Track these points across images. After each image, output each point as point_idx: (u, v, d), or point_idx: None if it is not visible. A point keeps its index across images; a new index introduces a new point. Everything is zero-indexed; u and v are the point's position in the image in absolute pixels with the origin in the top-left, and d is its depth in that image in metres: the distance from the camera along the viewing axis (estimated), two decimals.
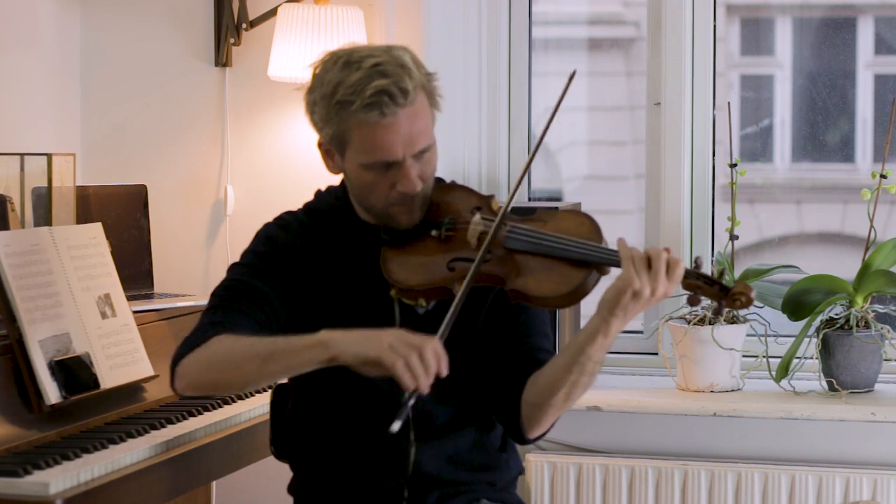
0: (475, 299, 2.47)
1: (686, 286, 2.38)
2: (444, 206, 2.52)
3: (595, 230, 2.44)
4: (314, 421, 2.57)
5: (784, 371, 3.43)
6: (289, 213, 2.62)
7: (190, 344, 2.47)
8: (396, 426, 2.27)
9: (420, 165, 2.45)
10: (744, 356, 3.50)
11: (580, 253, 2.39)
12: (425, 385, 2.27)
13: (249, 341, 2.41)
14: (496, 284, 2.43)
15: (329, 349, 2.32)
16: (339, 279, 2.54)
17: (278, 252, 2.54)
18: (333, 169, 2.53)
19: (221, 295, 2.54)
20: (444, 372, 2.29)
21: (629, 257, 2.32)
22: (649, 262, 2.32)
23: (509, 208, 2.43)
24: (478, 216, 2.47)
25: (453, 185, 2.57)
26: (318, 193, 2.65)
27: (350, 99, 2.39)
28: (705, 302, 2.99)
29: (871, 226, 3.45)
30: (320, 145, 2.52)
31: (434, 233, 2.49)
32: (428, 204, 2.51)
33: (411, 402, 2.28)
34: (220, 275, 3.77)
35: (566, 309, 3.34)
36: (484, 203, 2.52)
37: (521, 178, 2.49)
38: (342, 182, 2.61)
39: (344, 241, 2.56)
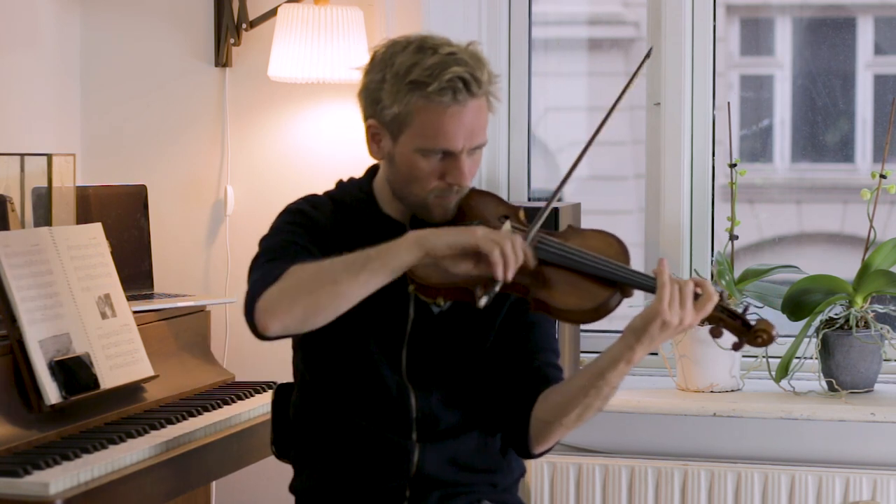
0: (491, 308, 2.45)
1: (710, 318, 2.38)
2: (471, 211, 2.52)
3: (623, 252, 2.45)
4: (316, 421, 2.57)
5: (784, 371, 3.43)
6: (315, 195, 2.59)
7: (265, 281, 2.36)
8: (484, 301, 2.31)
9: (470, 162, 2.47)
10: (743, 356, 3.50)
11: (608, 272, 2.39)
12: (512, 274, 2.28)
13: (333, 260, 2.34)
14: (520, 293, 2.43)
15: (423, 247, 2.30)
16: None
17: (310, 222, 2.51)
18: (377, 154, 2.51)
19: (266, 254, 2.46)
20: (532, 263, 2.32)
21: (667, 287, 2.32)
22: (682, 294, 2.33)
23: (539, 223, 2.42)
24: (508, 224, 2.47)
25: (482, 192, 2.57)
26: (341, 184, 2.62)
27: (426, 80, 2.39)
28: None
29: (871, 226, 3.45)
30: (369, 128, 2.49)
31: None
32: (457, 205, 2.51)
33: (497, 288, 2.30)
34: (220, 275, 3.80)
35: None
36: (512, 213, 2.52)
37: (558, 190, 2.47)
38: (367, 173, 2.60)
39: (365, 234, 2.52)
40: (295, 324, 2.33)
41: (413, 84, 2.40)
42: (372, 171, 2.60)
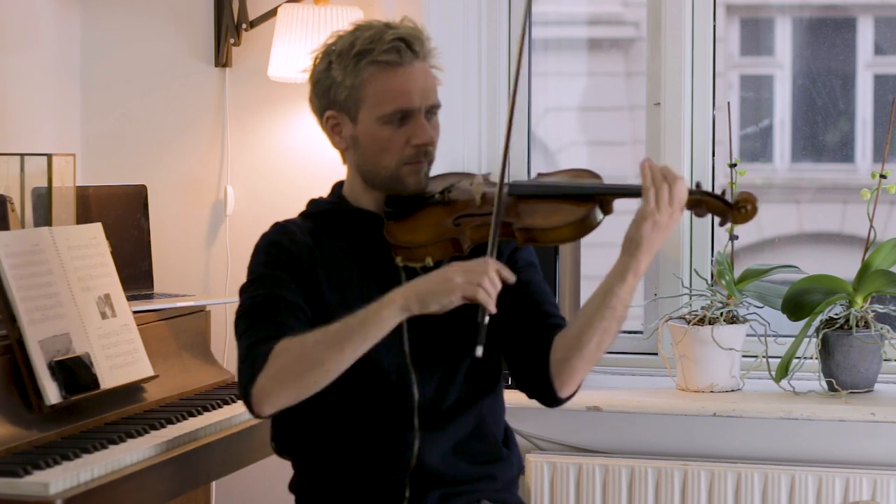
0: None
1: (691, 203, 2.43)
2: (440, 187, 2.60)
3: (595, 176, 2.53)
4: (316, 416, 2.57)
5: (784, 371, 3.43)
6: (284, 220, 2.65)
7: (253, 367, 2.45)
8: (480, 350, 2.37)
9: (430, 126, 2.53)
10: (743, 356, 3.50)
11: (584, 188, 2.48)
12: (494, 302, 2.36)
13: (316, 334, 2.42)
14: (504, 233, 2.47)
15: (409, 311, 2.38)
16: (346, 266, 2.57)
17: (285, 254, 2.56)
18: (341, 143, 2.58)
19: (248, 316, 2.53)
20: (511, 279, 2.39)
21: (651, 189, 2.39)
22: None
23: (503, 164, 2.49)
24: (479, 177, 2.56)
25: (444, 174, 2.65)
26: (312, 202, 2.69)
27: (369, 47, 2.49)
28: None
29: (871, 226, 3.45)
30: (327, 120, 2.57)
31: (437, 196, 2.56)
32: (429, 174, 2.58)
33: (486, 319, 2.36)
34: (220, 275, 3.80)
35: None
36: (479, 176, 2.60)
37: (508, 135, 2.55)
38: (333, 188, 2.67)
39: (346, 232, 2.60)
40: (290, 402, 2.45)
41: (359, 54, 2.50)
42: (337, 185, 2.68)
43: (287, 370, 2.41)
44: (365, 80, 2.50)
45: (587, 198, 2.46)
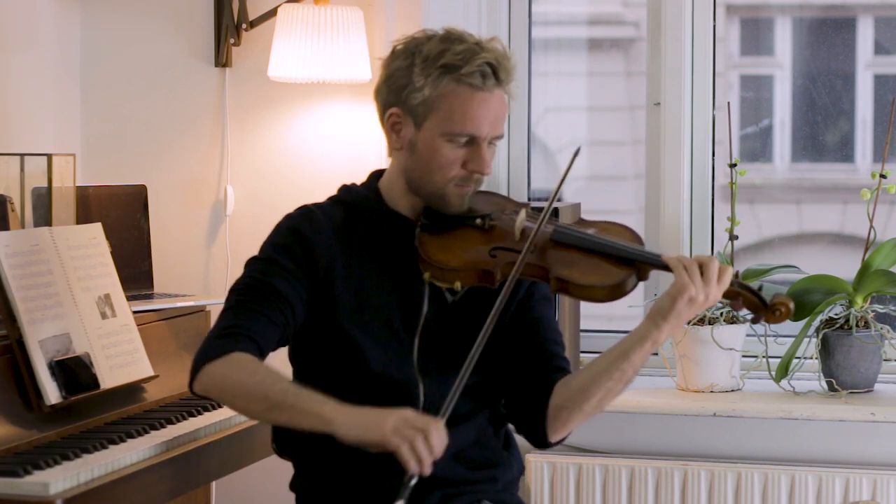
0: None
1: (729, 294, 2.42)
2: (483, 208, 2.57)
3: (637, 238, 2.51)
4: None
5: (784, 371, 3.43)
6: (313, 204, 2.63)
7: (213, 350, 2.47)
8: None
9: (489, 153, 2.52)
10: (743, 356, 3.50)
11: (626, 252, 2.44)
12: (428, 467, 2.30)
13: (266, 377, 2.42)
14: (538, 276, 2.46)
15: (330, 427, 2.35)
16: (368, 266, 2.56)
17: (301, 243, 2.54)
18: (396, 143, 2.54)
19: (241, 293, 2.53)
20: (440, 455, 2.32)
21: (681, 264, 2.39)
22: (701, 269, 2.38)
23: (549, 209, 2.46)
24: (523, 212, 2.52)
25: (490, 192, 2.62)
26: (344, 188, 2.66)
27: (458, 63, 2.45)
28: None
29: (871, 226, 3.45)
30: (389, 116, 2.53)
31: (478, 221, 2.53)
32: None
33: (412, 483, 2.31)
34: (220, 275, 3.80)
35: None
36: (521, 208, 2.56)
37: (559, 187, 2.50)
38: (370, 177, 2.64)
39: (375, 230, 2.58)
40: (215, 401, 2.61)
41: (445, 67, 2.46)
42: (375, 175, 2.64)
43: (226, 383, 2.44)
44: (443, 94, 2.46)
45: (628, 262, 2.44)
